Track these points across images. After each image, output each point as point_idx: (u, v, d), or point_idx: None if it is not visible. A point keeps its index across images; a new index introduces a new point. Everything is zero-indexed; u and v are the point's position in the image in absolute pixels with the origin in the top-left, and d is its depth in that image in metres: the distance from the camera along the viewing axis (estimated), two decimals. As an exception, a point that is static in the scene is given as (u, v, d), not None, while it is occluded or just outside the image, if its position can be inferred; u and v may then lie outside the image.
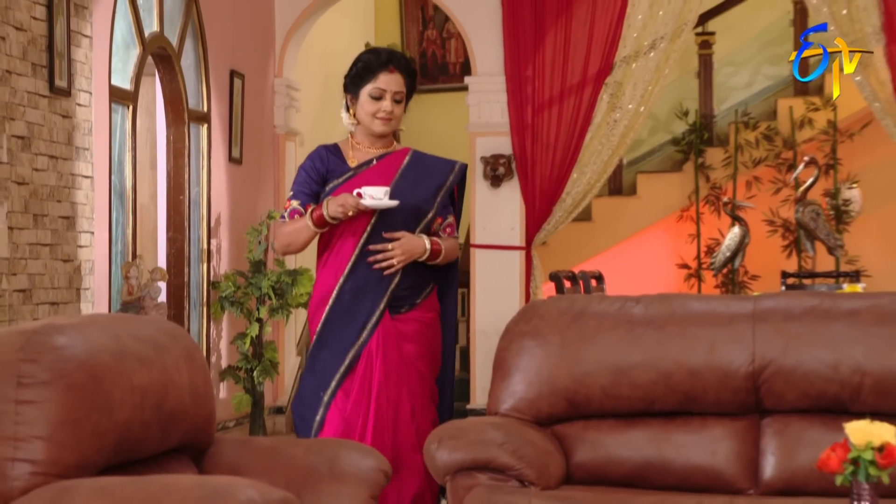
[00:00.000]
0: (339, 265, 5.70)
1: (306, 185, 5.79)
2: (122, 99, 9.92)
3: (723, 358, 5.82)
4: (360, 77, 5.83)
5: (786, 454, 5.75)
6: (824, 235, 14.16)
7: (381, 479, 4.83)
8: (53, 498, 3.93)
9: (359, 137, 5.91)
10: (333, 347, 5.70)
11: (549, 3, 12.25)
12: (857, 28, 12.01)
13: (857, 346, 5.75)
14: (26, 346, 4.13)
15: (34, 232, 8.64)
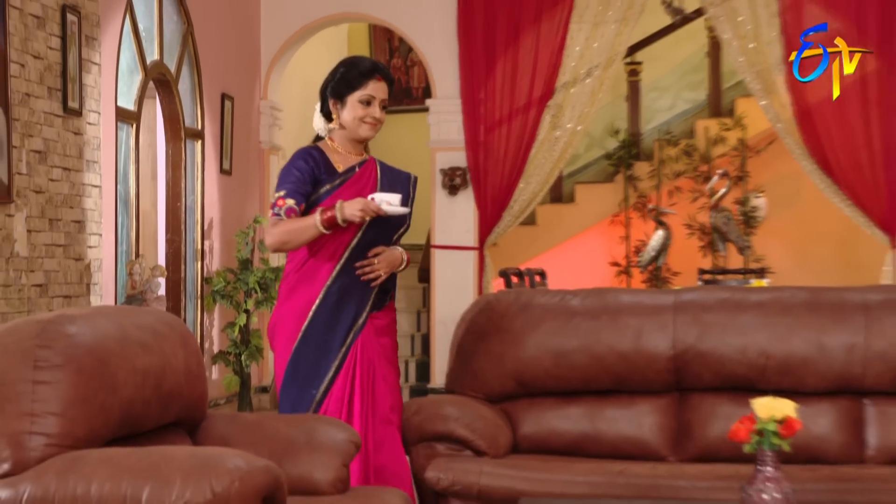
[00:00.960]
0: (325, 271, 5.35)
1: (301, 184, 5.38)
2: (126, 118, 9.90)
3: (648, 343, 5.84)
4: (348, 84, 5.50)
5: (702, 426, 5.78)
6: (735, 238, 14.22)
7: (352, 449, 4.80)
8: (66, 466, 3.91)
9: (340, 142, 5.55)
10: (322, 347, 5.35)
11: (499, 36, 12.26)
12: (763, 59, 12.05)
13: (763, 332, 5.80)
14: (42, 333, 4.12)
15: (49, 234, 8.61)
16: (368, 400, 5.33)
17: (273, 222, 5.26)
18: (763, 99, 12.20)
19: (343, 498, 4.56)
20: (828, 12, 11.91)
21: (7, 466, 3.94)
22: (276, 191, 5.36)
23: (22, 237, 8.23)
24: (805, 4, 11.93)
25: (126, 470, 3.89)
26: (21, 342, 4.10)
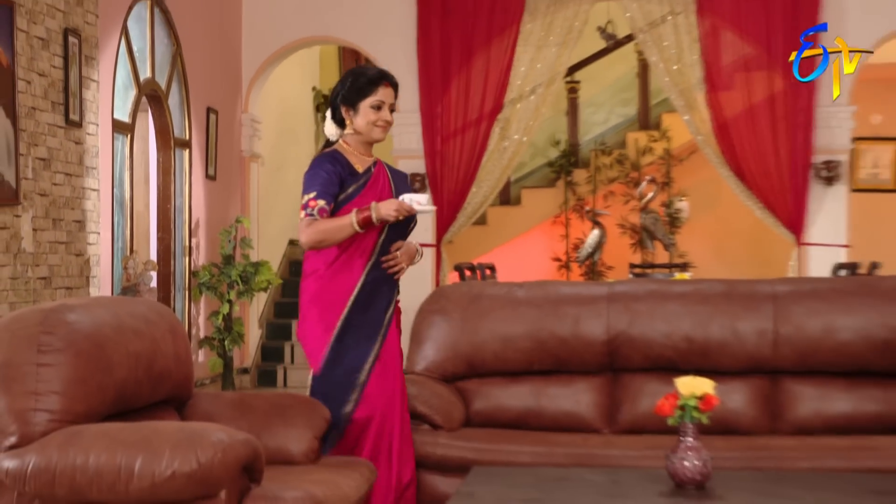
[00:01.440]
0: (360, 265, 5.19)
1: (330, 185, 5.17)
2: (122, 130, 9.86)
3: (585, 330, 5.85)
4: (359, 91, 5.24)
5: (631, 402, 5.80)
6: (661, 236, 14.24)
7: (323, 424, 4.79)
8: (66, 439, 3.91)
9: (354, 146, 5.33)
10: (361, 333, 5.19)
11: (454, 57, 12.26)
12: (685, 80, 12.10)
13: (685, 319, 5.82)
14: (45, 321, 4.12)
15: (53, 232, 8.57)
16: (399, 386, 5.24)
17: (308, 222, 5.08)
18: (686, 114, 12.25)
19: (314, 467, 4.55)
20: (742, 38, 12.02)
21: (14, 440, 3.94)
22: (305, 192, 5.16)
23: (28, 235, 8.20)
24: (721, 32, 12.03)
25: (120, 443, 3.89)
26: (26, 328, 4.09)
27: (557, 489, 4.37)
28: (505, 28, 12.25)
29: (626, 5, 12.28)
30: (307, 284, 5.25)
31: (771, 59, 11.92)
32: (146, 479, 3.81)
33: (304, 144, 15.63)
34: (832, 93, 12.02)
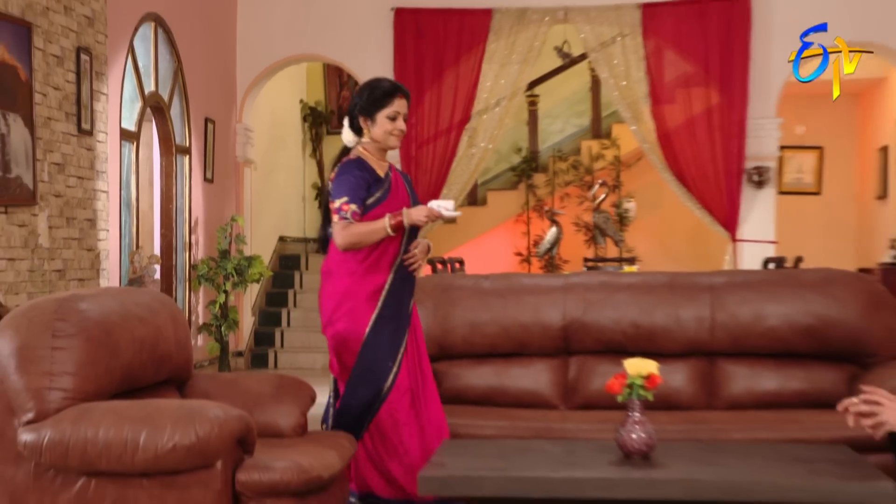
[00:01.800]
0: (388, 263, 5.09)
1: (359, 190, 5.04)
2: (128, 138, 9.86)
3: (544, 316, 5.85)
4: (377, 102, 5.12)
5: (585, 381, 5.80)
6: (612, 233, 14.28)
7: (309, 401, 4.79)
8: (78, 415, 3.91)
9: (372, 152, 5.19)
10: (394, 325, 5.09)
11: (426, 73, 12.28)
12: (632, 94, 12.14)
13: (632, 307, 5.82)
14: (59, 309, 4.11)
15: (67, 230, 8.56)
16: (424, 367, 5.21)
17: (343, 225, 4.96)
18: (633, 125, 12.28)
19: (301, 440, 4.55)
20: (682, 58, 12.08)
21: (31, 415, 3.93)
22: (336, 197, 5.02)
23: (44, 232, 8.18)
24: (664, 52, 12.09)
25: (127, 418, 3.89)
26: (42, 316, 4.08)
27: (519, 459, 4.37)
28: (472, 47, 12.26)
29: (580, 27, 12.31)
30: (337, 282, 5.11)
31: (708, 76, 11.99)
32: (150, 451, 3.81)
33: (292, 151, 15.62)
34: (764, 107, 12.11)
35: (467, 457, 4.40)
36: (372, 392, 5.00)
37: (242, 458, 3.98)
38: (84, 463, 3.87)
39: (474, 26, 12.27)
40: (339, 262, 5.10)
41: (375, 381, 5.02)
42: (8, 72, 7.70)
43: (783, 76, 12.07)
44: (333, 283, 5.11)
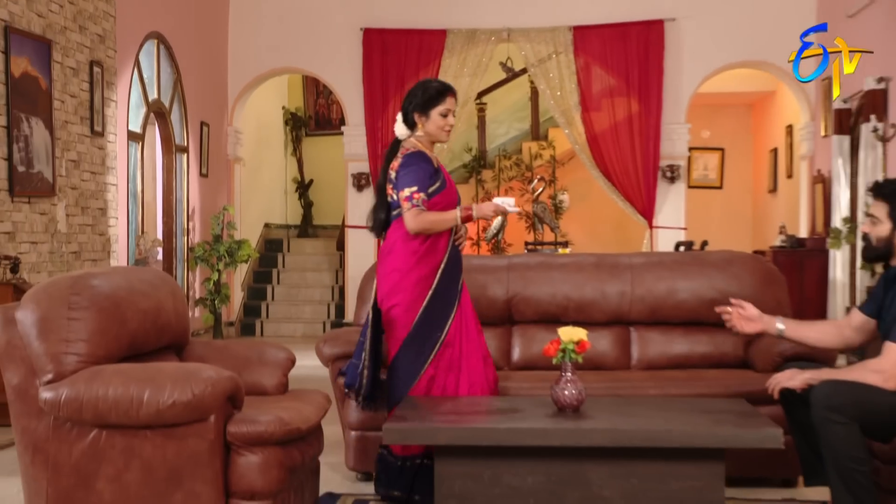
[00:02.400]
0: (444, 244, 4.89)
1: (427, 180, 4.84)
2: (135, 139, 9.84)
3: (490, 292, 5.84)
4: (432, 100, 4.90)
5: (525, 346, 5.79)
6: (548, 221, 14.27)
7: (289, 364, 4.75)
8: (91, 376, 3.89)
9: (424, 144, 4.98)
10: (446, 299, 4.91)
11: (390, 84, 12.32)
12: (565, 103, 12.21)
13: (566, 284, 5.82)
14: (74, 285, 4.07)
15: (81, 217, 8.54)
16: (475, 334, 5.05)
17: (416, 213, 4.78)
18: (566, 128, 12.34)
19: (282, 397, 4.52)
20: (607, 73, 12.19)
21: (50, 376, 3.91)
22: (406, 186, 4.82)
23: (62, 219, 8.13)
24: (592, 67, 12.21)
25: (132, 379, 3.87)
26: (60, 291, 4.04)
27: (470, 412, 4.37)
28: (429, 62, 12.27)
29: (521, 46, 12.35)
30: (399, 260, 4.91)
31: (629, 88, 12.09)
32: (153, 407, 3.80)
33: (275, 150, 15.61)
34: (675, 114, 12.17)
35: (425, 410, 4.40)
36: (422, 359, 4.87)
37: (232, 413, 3.96)
38: (96, 417, 3.85)
39: (431, 44, 12.27)
40: (403, 242, 4.90)
41: (425, 350, 4.88)
42: (31, 82, 7.67)
43: (691, 88, 12.23)
44: (395, 261, 4.94)
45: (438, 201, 4.88)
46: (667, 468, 4.08)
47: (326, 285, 13.78)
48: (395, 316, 4.88)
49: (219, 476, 3.87)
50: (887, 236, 4.15)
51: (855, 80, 10.66)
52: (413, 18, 12.34)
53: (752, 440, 4.00)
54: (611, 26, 12.15)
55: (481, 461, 4.13)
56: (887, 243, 4.16)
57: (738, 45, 12.29)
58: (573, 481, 4.11)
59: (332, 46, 12.48)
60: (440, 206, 4.88)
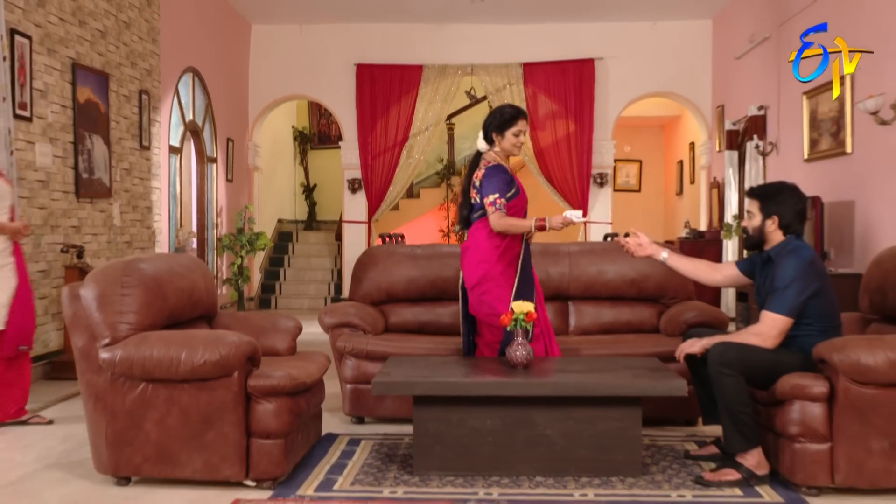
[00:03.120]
0: (518, 243, 4.78)
1: (506, 187, 4.75)
2: (174, 152, 9.76)
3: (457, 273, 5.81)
4: (507, 123, 4.78)
5: (485, 317, 5.78)
6: (503, 217, 14.27)
7: (297, 331, 4.75)
8: (139, 340, 3.88)
9: (501, 157, 4.84)
10: (529, 282, 4.79)
11: (378, 107, 12.26)
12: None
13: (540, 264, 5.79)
14: (125, 268, 4.06)
15: (132, 214, 8.48)
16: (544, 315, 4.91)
17: (499, 215, 4.69)
18: (517, 144, 12.32)
19: (292, 358, 4.52)
20: (550, 99, 12.19)
21: (107, 341, 3.90)
22: (490, 193, 4.71)
23: (117, 216, 8.09)
24: (538, 95, 12.21)
25: (172, 342, 3.87)
26: (115, 272, 4.03)
27: (440, 368, 4.38)
28: (409, 91, 12.25)
29: (482, 78, 12.36)
30: (484, 253, 4.78)
31: (567, 112, 12.13)
32: (188, 365, 3.80)
33: (286, 160, 15.55)
34: (604, 133, 12.18)
35: (406, 368, 4.40)
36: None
37: (252, 370, 3.95)
38: (144, 373, 3.84)
39: (410, 77, 12.25)
40: (487, 239, 4.79)
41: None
42: (92, 107, 7.63)
43: (616, 112, 12.29)
44: (480, 255, 4.81)
45: (513, 205, 4.80)
46: (596, 412, 4.11)
47: (327, 268, 13.75)
48: (492, 299, 4.73)
49: (241, 420, 3.86)
50: (759, 226, 4.22)
51: (741, 108, 10.74)
52: (396, 56, 12.31)
53: (663, 390, 4.03)
54: (553, 63, 12.17)
55: (450, 407, 4.14)
56: (760, 232, 4.22)
57: (652, 79, 12.34)
58: (523, 423, 4.13)
59: (331, 78, 12.43)
60: (515, 208, 4.82)
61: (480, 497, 3.80)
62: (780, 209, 4.15)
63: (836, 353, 3.75)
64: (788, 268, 4.02)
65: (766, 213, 4.18)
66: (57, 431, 5.06)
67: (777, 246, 4.16)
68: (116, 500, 3.79)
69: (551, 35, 12.25)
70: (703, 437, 4.86)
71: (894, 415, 3.73)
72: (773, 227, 4.17)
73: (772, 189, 4.23)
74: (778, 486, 3.94)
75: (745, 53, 10.68)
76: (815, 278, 4.01)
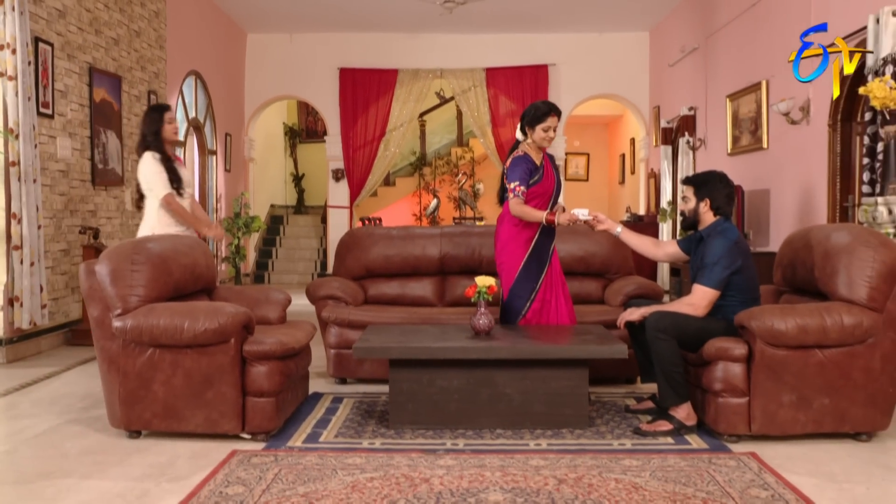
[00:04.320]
0: (534, 227, 4.67)
1: (526, 176, 4.62)
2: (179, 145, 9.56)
3: (428, 252, 5.81)
4: (538, 119, 4.66)
5: (452, 290, 5.77)
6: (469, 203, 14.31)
7: (287, 303, 4.70)
8: (147, 311, 3.84)
9: (533, 148, 4.71)
10: (537, 262, 4.70)
11: (358, 106, 12.15)
12: (481, 120, 12.14)
13: (481, 246, 5.80)
14: (135, 247, 4.02)
15: (142, 200, 8.32)
16: (559, 284, 4.82)
17: (517, 202, 4.60)
18: (481, 138, 12.28)
19: (282, 326, 4.47)
20: (510, 100, 12.14)
21: (119, 311, 3.85)
22: (511, 181, 4.61)
23: (129, 201, 7.96)
24: (500, 96, 12.16)
25: (176, 312, 3.82)
26: (126, 251, 3.97)
27: (413, 335, 4.37)
28: (386, 92, 12.16)
29: (451, 81, 12.28)
30: (507, 228, 4.74)
31: (524, 111, 12.07)
32: (190, 332, 3.75)
33: (278, 153, 15.40)
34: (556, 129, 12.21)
35: (383, 335, 4.39)
36: (523, 300, 4.72)
37: (247, 337, 3.92)
38: (151, 339, 3.79)
39: (387, 79, 12.15)
40: (509, 218, 4.74)
41: (524, 294, 4.72)
42: (107, 106, 7.52)
43: (567, 112, 12.25)
44: (504, 230, 4.77)
45: (535, 190, 4.68)
46: (549, 373, 4.12)
47: (314, 248, 13.67)
48: (506, 270, 4.75)
49: (238, 380, 3.83)
50: (694, 208, 4.26)
51: (674, 108, 10.78)
52: (374, 61, 12.21)
53: (607, 353, 4.05)
54: (512, 68, 12.13)
55: (421, 369, 4.14)
56: (695, 214, 4.26)
57: (598, 82, 12.35)
58: (485, 383, 4.13)
59: (317, 80, 12.30)
60: (538, 191, 4.69)
61: (448, 447, 3.80)
62: (711, 194, 4.20)
63: (754, 320, 3.79)
64: (717, 247, 4.06)
65: (699, 198, 4.23)
66: (77, 390, 5.01)
67: (709, 227, 4.21)
68: (129, 451, 3.76)
69: (511, 44, 12.20)
70: (641, 393, 4.89)
71: (801, 372, 3.78)
72: (705, 209, 4.21)
73: (704, 177, 4.28)
74: (704, 434, 3.99)
75: (677, 61, 10.71)
76: (738, 256, 4.05)
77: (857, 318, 3.73)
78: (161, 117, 5.14)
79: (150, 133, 5.12)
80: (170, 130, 5.16)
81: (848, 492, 3.22)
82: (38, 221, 6.11)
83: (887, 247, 3.85)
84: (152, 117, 5.14)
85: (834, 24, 6.41)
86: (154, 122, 5.11)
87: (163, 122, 5.14)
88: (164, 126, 5.14)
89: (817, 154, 6.80)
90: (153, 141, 5.12)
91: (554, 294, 4.80)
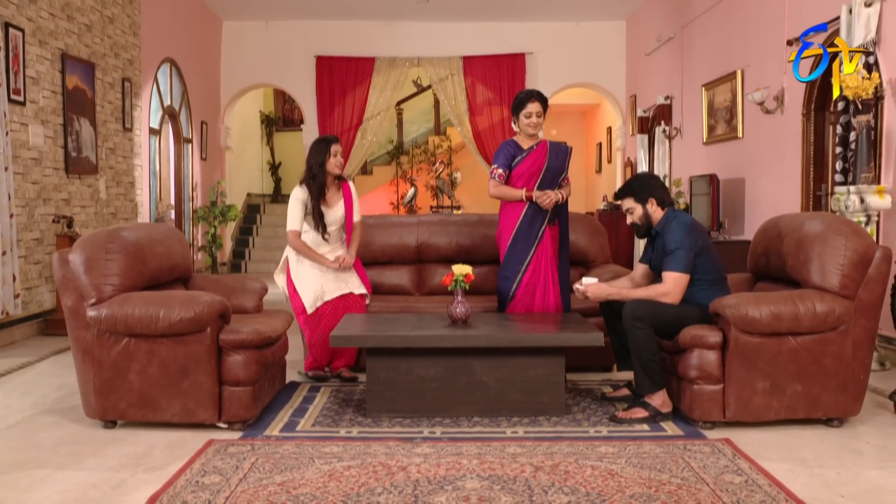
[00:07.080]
0: (521, 207, 4.74)
1: (507, 160, 4.72)
2: (154, 133, 9.53)
3: (405, 240, 5.80)
4: (519, 106, 4.73)
5: (430, 278, 5.76)
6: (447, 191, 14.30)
7: (263, 292, 4.68)
8: (122, 300, 3.79)
9: (520, 135, 4.80)
10: (525, 242, 4.75)
11: (336, 95, 12.08)
12: (459, 109, 12.11)
13: (458, 234, 5.79)
14: (110, 236, 3.97)
15: (117, 189, 8.29)
16: (549, 270, 4.82)
17: (495, 183, 4.74)
18: (459, 127, 12.27)
19: (258, 315, 4.46)
20: (487, 88, 12.12)
21: (94, 300, 3.81)
22: (494, 163, 4.77)
23: (103, 190, 7.89)
24: (477, 85, 12.14)
25: (151, 302, 3.78)
26: (100, 240, 3.93)
27: (391, 323, 4.36)
28: (363, 80, 12.10)
29: (428, 69, 12.23)
30: (501, 213, 4.88)
31: (501, 100, 12.07)
32: (166, 321, 3.72)
33: (254, 142, 15.30)
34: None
35: (359, 323, 4.38)
36: (509, 283, 4.78)
37: (223, 326, 3.89)
38: (126, 329, 3.75)
39: (364, 67, 12.09)
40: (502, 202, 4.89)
41: (510, 276, 4.79)
42: (80, 93, 7.43)
43: (544, 101, 12.22)
44: (501, 211, 4.90)
45: (519, 169, 4.77)
46: (526, 360, 4.13)
47: (292, 236, 13.62)
48: (499, 245, 4.90)
49: (214, 370, 3.81)
50: (643, 213, 4.26)
51: (650, 98, 10.82)
52: (351, 49, 12.14)
53: (583, 340, 4.06)
54: (489, 57, 12.12)
55: (399, 358, 4.14)
56: (646, 217, 4.27)
57: (575, 71, 12.36)
58: (462, 371, 4.14)
59: (294, 68, 12.22)
60: (522, 170, 4.76)
61: (425, 435, 3.80)
62: (651, 192, 4.24)
63: (729, 308, 3.81)
64: (674, 232, 4.10)
65: (643, 201, 4.24)
66: (51, 381, 4.96)
67: (661, 221, 4.24)
68: (105, 441, 3.72)
69: (488, 32, 12.18)
70: (617, 381, 4.92)
71: (775, 360, 3.82)
72: (653, 207, 4.24)
73: (636, 183, 4.29)
74: (679, 421, 4.02)
75: (654, 51, 10.74)
76: (697, 237, 4.10)
77: (830, 306, 3.78)
78: (328, 149, 4.92)
79: (315, 164, 4.92)
80: (333, 164, 4.96)
81: (819, 476, 3.26)
82: (11, 210, 6.03)
83: (859, 235, 3.89)
84: (319, 148, 4.94)
85: (807, 15, 6.45)
86: (320, 154, 4.89)
87: (328, 155, 4.94)
88: (329, 159, 4.97)
89: (791, 143, 6.86)
90: (318, 172, 4.93)
91: (542, 280, 4.83)
